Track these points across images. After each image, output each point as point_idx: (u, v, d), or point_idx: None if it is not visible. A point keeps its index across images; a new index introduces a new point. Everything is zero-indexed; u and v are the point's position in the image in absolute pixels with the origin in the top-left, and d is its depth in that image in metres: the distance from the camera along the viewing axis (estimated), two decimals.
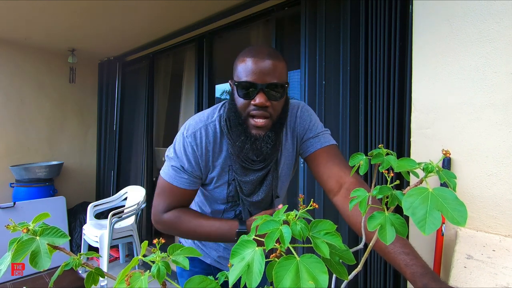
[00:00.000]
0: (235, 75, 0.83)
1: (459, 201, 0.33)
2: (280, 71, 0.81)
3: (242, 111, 0.82)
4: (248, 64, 0.79)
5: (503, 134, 1.00)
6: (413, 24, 1.21)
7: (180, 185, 0.88)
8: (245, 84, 0.79)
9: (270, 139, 0.82)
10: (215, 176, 0.91)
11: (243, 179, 0.90)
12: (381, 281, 1.43)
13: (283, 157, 0.95)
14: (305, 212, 0.40)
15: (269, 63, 0.79)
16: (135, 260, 0.35)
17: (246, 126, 0.82)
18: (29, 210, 2.93)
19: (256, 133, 0.82)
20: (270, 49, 0.83)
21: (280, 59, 0.82)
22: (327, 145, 0.91)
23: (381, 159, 0.46)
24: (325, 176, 0.87)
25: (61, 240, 0.37)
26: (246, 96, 0.80)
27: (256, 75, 0.78)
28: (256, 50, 0.81)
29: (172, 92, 3.37)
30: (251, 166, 0.89)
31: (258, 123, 0.80)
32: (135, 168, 3.46)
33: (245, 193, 0.92)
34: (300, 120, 0.94)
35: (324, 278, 0.32)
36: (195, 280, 0.37)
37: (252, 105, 0.80)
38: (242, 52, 0.84)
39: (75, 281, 2.33)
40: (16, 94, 3.36)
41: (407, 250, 0.65)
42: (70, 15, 2.48)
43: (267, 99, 0.79)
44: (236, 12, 2.25)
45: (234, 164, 0.89)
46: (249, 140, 0.82)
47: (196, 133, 0.88)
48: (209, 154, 0.89)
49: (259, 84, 0.78)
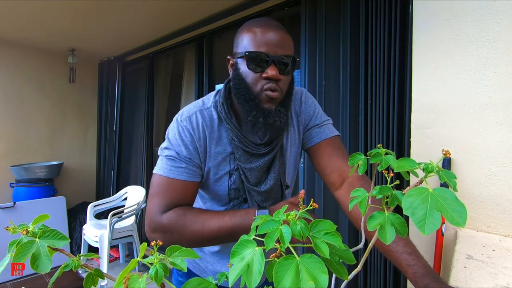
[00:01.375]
0: (241, 47, 0.76)
1: (459, 202, 0.33)
2: (290, 44, 0.77)
3: (253, 86, 0.75)
4: (257, 34, 0.73)
5: (503, 134, 1.00)
6: (413, 24, 1.21)
7: (178, 177, 0.77)
8: (256, 55, 0.73)
9: (282, 113, 0.77)
10: (215, 166, 0.82)
11: (248, 166, 0.81)
12: (381, 281, 1.43)
13: (289, 143, 0.89)
14: (305, 212, 0.40)
15: (279, 34, 0.74)
16: (134, 262, 0.35)
17: (259, 101, 0.75)
18: (29, 210, 2.93)
19: (268, 106, 0.76)
20: (276, 22, 0.78)
21: (287, 32, 0.77)
22: (331, 136, 0.87)
23: (380, 158, 0.46)
24: (328, 170, 0.84)
25: (61, 242, 0.37)
26: (256, 68, 0.74)
27: (268, 46, 0.73)
28: (264, 21, 0.76)
29: (172, 92, 3.37)
30: (255, 150, 0.81)
31: (273, 95, 0.74)
32: (135, 168, 3.46)
33: (252, 182, 0.83)
34: (306, 105, 0.90)
35: (324, 278, 0.32)
36: (193, 282, 0.37)
37: (263, 78, 0.74)
38: (247, 23, 0.78)
39: (75, 281, 2.33)
40: (16, 94, 3.36)
41: (409, 249, 0.65)
42: (70, 15, 2.48)
43: (279, 72, 0.74)
44: (236, 12, 2.26)
45: (236, 150, 0.81)
46: (262, 115, 0.75)
47: (191, 117, 0.80)
48: (206, 140, 0.80)
49: (271, 56, 0.72)
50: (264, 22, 0.76)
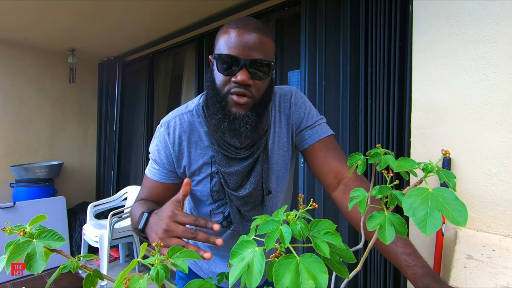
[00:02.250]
0: (216, 48, 0.74)
1: (459, 201, 0.33)
2: (268, 48, 0.73)
3: (221, 88, 0.74)
4: (231, 36, 0.71)
5: (503, 134, 1.00)
6: (413, 24, 1.21)
7: (152, 177, 0.85)
8: (227, 58, 0.70)
9: (250, 119, 0.74)
10: (196, 169, 0.84)
11: (227, 170, 0.81)
12: (381, 281, 1.43)
13: (276, 147, 0.87)
14: (305, 212, 0.40)
15: (255, 37, 0.70)
16: (134, 262, 0.35)
17: (225, 104, 0.74)
18: (29, 210, 2.93)
19: (235, 111, 0.74)
20: (258, 23, 0.74)
21: (268, 35, 0.74)
22: (324, 137, 0.86)
23: (379, 158, 0.46)
24: (324, 172, 0.83)
25: (57, 243, 0.37)
26: (227, 71, 0.72)
27: (240, 49, 0.70)
28: (243, 22, 0.73)
29: (172, 92, 3.37)
30: (234, 154, 0.80)
31: (240, 100, 0.72)
32: (135, 168, 3.46)
33: (231, 186, 0.83)
34: (296, 107, 0.88)
35: (324, 277, 0.32)
36: (194, 284, 0.37)
37: (233, 82, 0.72)
38: (227, 23, 0.75)
39: (75, 281, 2.33)
40: (16, 94, 3.36)
41: (409, 250, 0.64)
42: (70, 15, 2.48)
43: (250, 77, 0.71)
44: (236, 12, 2.25)
45: (216, 154, 0.81)
46: (227, 119, 0.74)
47: (170, 123, 0.83)
48: (184, 144, 0.82)
49: (243, 59, 0.69)
50: (242, 23, 0.73)
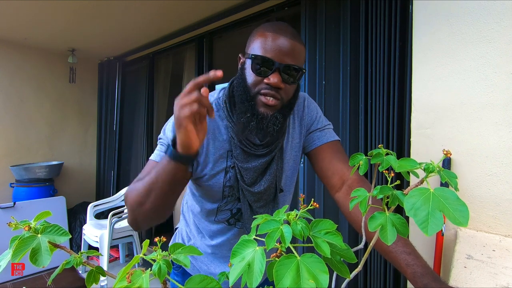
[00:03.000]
0: (251, 48, 0.77)
1: (460, 201, 0.33)
2: (300, 55, 0.77)
3: (252, 87, 0.76)
4: (268, 39, 0.74)
5: (503, 134, 1.00)
6: (413, 24, 1.21)
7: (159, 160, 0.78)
8: (262, 59, 0.73)
9: (278, 120, 0.77)
10: (212, 162, 0.83)
11: (245, 165, 0.82)
12: (381, 281, 1.43)
13: (289, 147, 0.90)
14: (306, 212, 0.40)
15: (291, 43, 0.74)
16: (136, 258, 0.35)
17: (254, 103, 0.76)
18: (29, 210, 2.93)
19: (264, 111, 0.76)
20: (292, 30, 0.78)
21: (301, 43, 0.77)
22: (332, 140, 0.89)
23: (381, 159, 0.46)
24: (329, 173, 0.85)
25: (62, 238, 0.37)
26: (260, 72, 0.74)
27: (275, 53, 0.73)
28: (279, 27, 0.76)
29: (172, 92, 3.37)
30: (254, 150, 0.82)
31: (269, 102, 0.75)
32: (135, 168, 3.46)
33: (247, 182, 0.84)
34: (308, 110, 0.92)
35: (325, 277, 0.32)
36: (195, 279, 0.37)
37: (264, 84, 0.75)
38: (263, 25, 0.78)
39: (75, 282, 2.33)
40: (16, 94, 3.36)
41: (408, 249, 0.65)
42: (70, 15, 2.48)
43: (281, 80, 0.74)
44: (236, 12, 2.25)
45: (235, 149, 0.82)
46: (256, 118, 0.75)
47: None
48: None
49: (277, 63, 0.73)
50: (279, 27, 0.76)
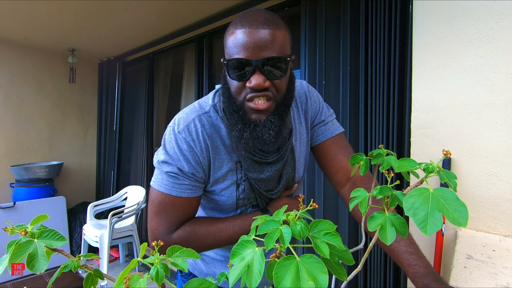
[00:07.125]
0: (225, 53, 0.67)
1: (460, 202, 0.33)
2: (281, 41, 0.64)
3: (236, 96, 0.67)
4: (238, 36, 0.63)
5: (503, 134, 1.00)
6: (413, 24, 1.21)
7: (181, 194, 0.71)
8: (237, 62, 0.63)
9: (273, 124, 0.68)
10: (221, 177, 0.75)
11: (259, 176, 0.75)
12: (381, 281, 1.43)
13: (298, 144, 0.83)
14: (305, 212, 0.40)
15: (264, 33, 0.62)
16: (134, 262, 0.35)
17: (244, 112, 0.67)
18: (29, 210, 2.93)
19: (256, 118, 0.67)
20: (266, 15, 0.65)
21: (279, 27, 0.64)
22: (336, 134, 0.85)
23: (381, 159, 0.46)
24: (334, 169, 0.83)
25: (59, 243, 0.37)
26: (240, 77, 0.64)
27: (249, 50, 0.62)
28: (249, 18, 0.64)
29: (172, 92, 3.37)
30: (264, 159, 0.74)
31: (260, 106, 0.65)
32: (135, 168, 3.46)
33: (262, 190, 0.79)
34: (311, 101, 0.84)
35: (324, 278, 0.32)
36: (194, 283, 0.37)
37: (248, 88, 0.65)
38: (233, 21, 0.67)
39: (75, 281, 2.33)
40: (16, 94, 3.36)
41: (411, 249, 0.65)
42: (70, 15, 2.48)
43: (265, 79, 0.63)
44: (236, 12, 2.25)
45: (244, 160, 0.74)
46: (248, 128, 0.67)
47: (189, 126, 0.71)
48: (209, 150, 0.72)
49: (254, 61, 0.62)
50: (247, 19, 0.64)
